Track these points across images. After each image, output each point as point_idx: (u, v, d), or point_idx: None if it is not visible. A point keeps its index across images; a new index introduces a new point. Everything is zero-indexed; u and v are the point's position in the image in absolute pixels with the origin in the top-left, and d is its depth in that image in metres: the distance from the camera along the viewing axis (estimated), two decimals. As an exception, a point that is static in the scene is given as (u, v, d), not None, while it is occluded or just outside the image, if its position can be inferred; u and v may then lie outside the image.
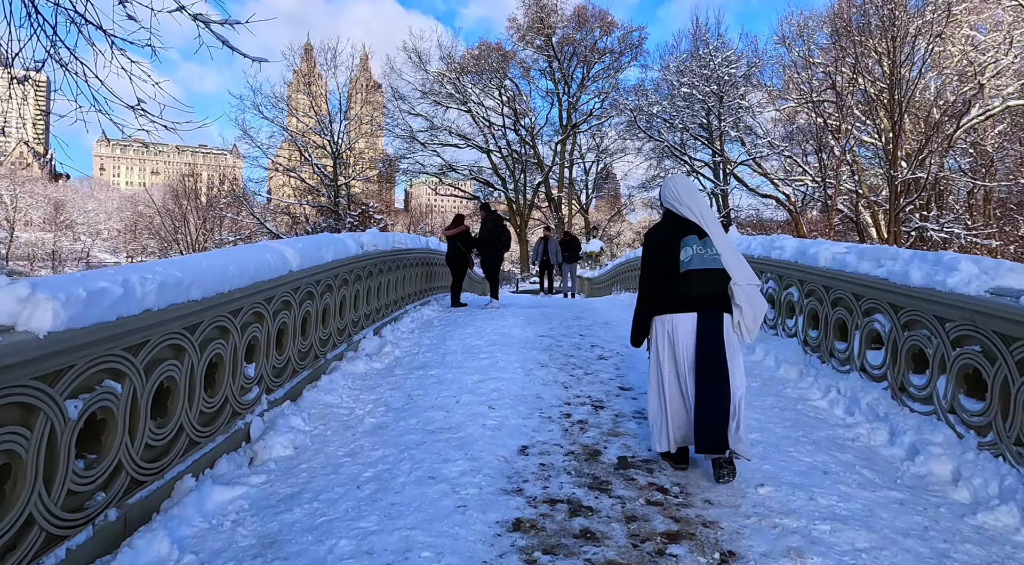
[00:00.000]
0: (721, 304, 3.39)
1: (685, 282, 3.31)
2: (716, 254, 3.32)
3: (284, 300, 4.63)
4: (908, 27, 27.29)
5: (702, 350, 3.32)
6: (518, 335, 7.26)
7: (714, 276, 3.30)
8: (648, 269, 3.56)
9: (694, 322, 3.36)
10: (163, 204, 60.32)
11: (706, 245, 3.34)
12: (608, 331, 7.75)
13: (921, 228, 29.20)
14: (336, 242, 5.73)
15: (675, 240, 3.40)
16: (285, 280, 4.50)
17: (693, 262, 3.29)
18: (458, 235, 10.51)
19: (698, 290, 3.30)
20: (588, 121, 49.67)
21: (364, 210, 33.22)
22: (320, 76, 38.15)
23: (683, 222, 3.43)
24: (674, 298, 3.40)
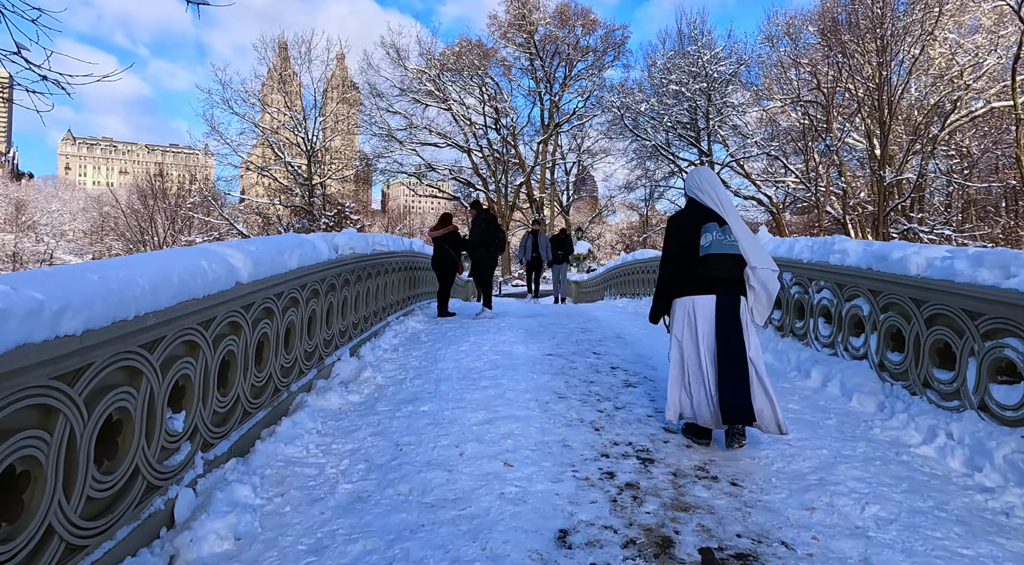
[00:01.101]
0: (738, 287, 3.64)
1: (704, 265, 3.57)
2: (734, 240, 3.55)
3: (231, 321, 3.48)
4: (897, 26, 26.86)
5: (721, 329, 3.56)
6: (522, 354, 6.16)
7: (731, 260, 3.55)
8: (669, 252, 3.78)
9: (713, 303, 3.61)
10: (129, 204, 57.94)
11: (725, 232, 3.57)
12: (625, 348, 6.70)
13: (909, 230, 28.90)
14: (303, 244, 4.57)
15: (696, 226, 3.64)
16: (231, 295, 3.35)
17: (712, 247, 3.54)
18: (445, 237, 9.39)
19: (716, 272, 3.56)
20: (571, 120, 48.81)
21: (340, 210, 31.84)
22: (295, 74, 36.67)
23: (704, 210, 3.67)
24: (694, 281, 3.66)
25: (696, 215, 3.69)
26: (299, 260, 4.40)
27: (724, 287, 3.60)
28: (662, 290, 3.85)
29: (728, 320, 3.57)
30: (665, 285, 3.82)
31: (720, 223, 3.61)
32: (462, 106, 45.74)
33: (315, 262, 4.84)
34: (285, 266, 4.16)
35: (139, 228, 55.83)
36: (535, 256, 14.62)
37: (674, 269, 3.75)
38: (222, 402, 3.41)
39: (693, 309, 3.65)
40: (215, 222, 36.71)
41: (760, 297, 3.60)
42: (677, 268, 3.74)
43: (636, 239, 55.37)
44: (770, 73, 32.71)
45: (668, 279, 3.80)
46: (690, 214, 3.74)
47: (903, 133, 29.29)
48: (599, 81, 47.26)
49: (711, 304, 3.61)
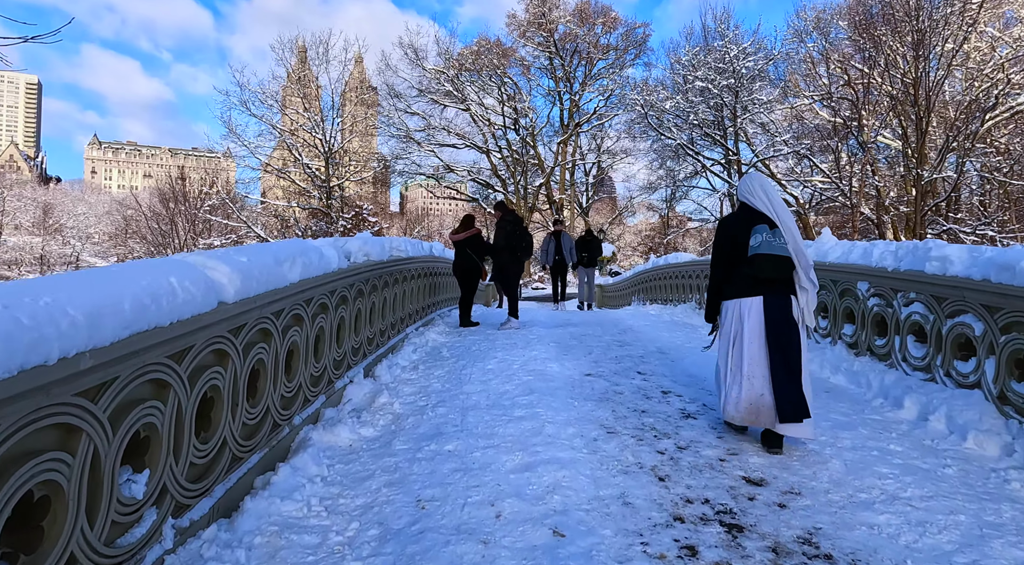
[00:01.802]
0: (787, 287, 3.70)
1: (752, 265, 3.62)
2: (783, 243, 3.63)
3: (214, 349, 2.82)
4: (935, 16, 25.66)
5: (772, 329, 3.61)
6: (557, 374, 5.45)
7: (779, 261, 3.60)
8: (720, 253, 3.87)
9: (761, 305, 3.66)
10: (150, 207, 58.35)
11: (775, 234, 3.64)
12: (672, 366, 5.94)
13: (948, 230, 27.69)
14: (307, 252, 3.90)
15: (746, 228, 3.70)
16: (212, 318, 2.68)
17: (761, 247, 3.60)
18: (468, 240, 8.70)
19: (764, 272, 3.60)
20: (591, 120, 47.97)
21: (357, 212, 31.38)
22: (314, 77, 36.33)
23: (755, 213, 3.73)
24: (742, 283, 3.71)
25: (747, 217, 3.76)
26: (303, 271, 3.73)
27: (772, 288, 3.66)
28: (715, 290, 3.96)
29: (779, 320, 3.63)
30: (716, 285, 3.94)
31: (771, 226, 3.68)
32: (481, 106, 45.15)
33: (323, 272, 4.17)
34: (285, 279, 3.48)
35: (160, 231, 56.17)
36: (558, 259, 13.36)
37: (724, 269, 3.86)
38: (202, 450, 2.74)
39: (740, 311, 3.73)
40: (234, 224, 36.52)
41: (812, 298, 3.74)
42: (727, 268, 3.84)
43: (659, 241, 54.27)
44: (798, 69, 31.60)
45: (718, 279, 3.91)
46: (741, 216, 3.82)
47: (937, 130, 28.09)
48: (620, 80, 46.36)
49: (759, 305, 3.67)
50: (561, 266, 13.51)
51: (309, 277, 3.88)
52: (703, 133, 30.97)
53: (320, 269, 4.11)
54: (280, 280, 3.40)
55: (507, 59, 45.75)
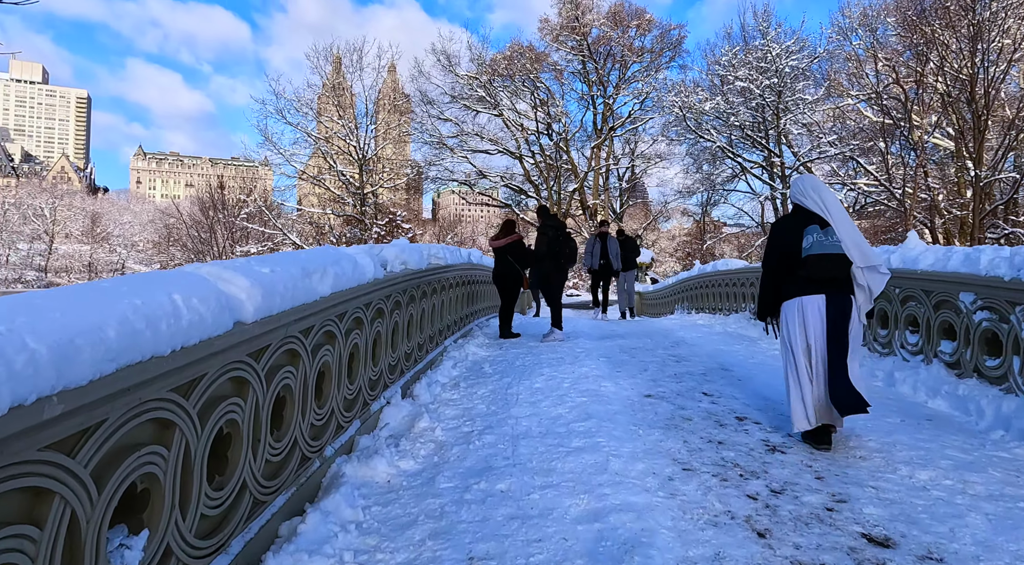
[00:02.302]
0: (844, 287, 3.70)
1: (805, 266, 3.68)
2: (836, 241, 3.65)
3: (231, 377, 2.38)
4: (995, 6, 24.29)
5: (833, 327, 3.65)
6: (613, 394, 4.90)
7: (833, 260, 3.64)
8: (772, 254, 3.92)
9: (822, 303, 3.69)
10: (191, 215, 59.73)
11: (827, 233, 3.68)
12: (740, 387, 5.33)
13: (1011, 234, 26.20)
14: (340, 261, 3.46)
15: (799, 229, 3.76)
16: (228, 342, 2.24)
17: (813, 248, 3.67)
18: (509, 247, 8.22)
19: (818, 272, 3.66)
20: (626, 124, 47.21)
21: (391, 219, 31.30)
22: (348, 86, 36.53)
23: (808, 214, 3.79)
24: (799, 283, 3.76)
25: (799, 219, 3.81)
26: (335, 282, 3.29)
27: (832, 286, 3.68)
28: (767, 290, 3.98)
29: (838, 318, 3.65)
30: (767, 286, 3.97)
31: (822, 225, 3.70)
32: (513, 112, 44.84)
33: (357, 283, 3.72)
34: (315, 292, 3.04)
35: (199, 239, 57.38)
36: (603, 264, 12.32)
37: (776, 272, 3.90)
38: (216, 499, 2.30)
39: (803, 310, 3.73)
40: (270, 232, 36.89)
41: (866, 294, 3.71)
42: (780, 270, 3.86)
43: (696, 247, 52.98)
44: (843, 68, 30.37)
45: (770, 280, 3.94)
46: (793, 218, 3.87)
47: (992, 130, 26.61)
48: (655, 82, 45.50)
49: (820, 303, 3.69)
50: (606, 271, 12.54)
51: (342, 289, 3.44)
52: (743, 135, 29.97)
53: (354, 280, 3.67)
54: (309, 294, 2.96)
55: (540, 64, 45.33)
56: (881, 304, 5.92)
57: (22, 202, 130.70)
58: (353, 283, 3.64)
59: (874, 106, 29.16)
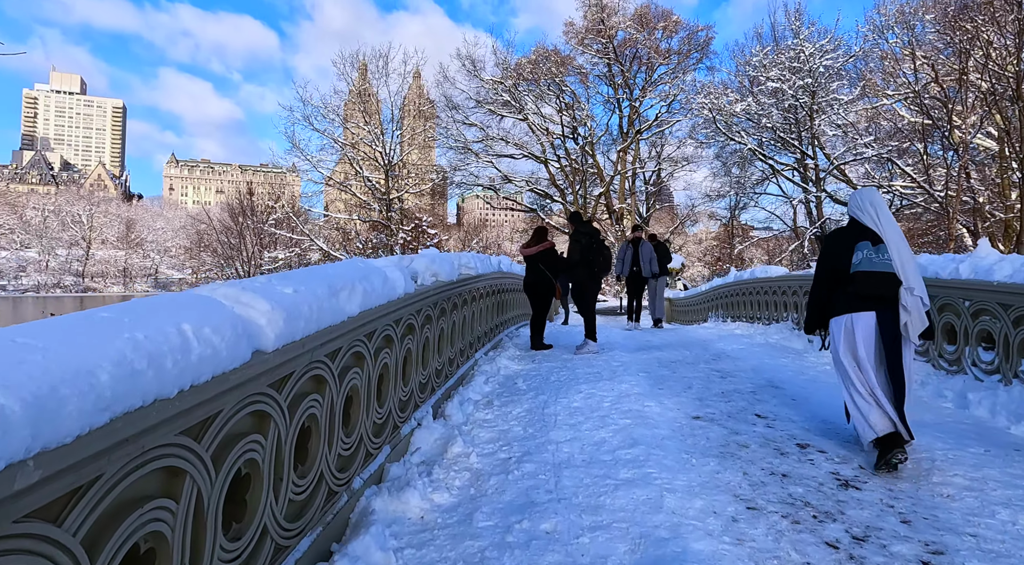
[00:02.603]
0: (893, 305, 3.60)
1: (854, 282, 3.63)
2: (887, 259, 3.59)
3: (251, 411, 2.12)
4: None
5: (887, 345, 3.59)
6: (658, 416, 4.56)
7: (881, 278, 3.57)
8: (822, 268, 3.90)
9: (873, 319, 3.64)
10: (220, 221, 60.72)
11: (879, 251, 3.62)
12: (796, 407, 4.93)
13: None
14: (369, 277, 3.20)
15: (850, 244, 3.72)
16: (246, 375, 1.98)
17: (862, 265, 3.62)
18: (541, 255, 7.92)
19: (865, 290, 3.61)
20: (653, 127, 46.63)
21: (417, 225, 31.26)
22: (373, 94, 36.68)
23: (862, 229, 3.74)
24: (849, 299, 3.70)
25: (852, 233, 3.78)
26: (363, 300, 3.03)
27: (881, 304, 3.63)
28: (815, 304, 3.97)
29: (888, 336, 3.61)
30: (816, 298, 3.96)
31: (875, 241, 3.65)
32: (539, 116, 44.60)
33: (387, 299, 3.46)
34: (342, 312, 2.78)
35: (228, 244, 58.28)
36: (635, 270, 11.77)
37: (825, 285, 3.87)
38: (231, 551, 2.03)
39: (852, 326, 3.70)
40: (298, 238, 37.20)
41: (913, 320, 3.61)
42: (829, 284, 3.84)
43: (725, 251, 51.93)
44: (878, 67, 29.45)
45: (819, 293, 3.92)
46: (846, 232, 3.84)
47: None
48: (683, 84, 44.87)
49: (870, 320, 3.65)
50: (638, 279, 11.98)
51: (371, 307, 3.18)
52: (775, 137, 29.21)
53: (384, 296, 3.40)
54: (336, 314, 2.70)
55: (565, 67, 45.03)
56: (948, 317, 5.47)
57: (61, 209, 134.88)
58: (383, 299, 3.38)
59: (912, 106, 28.21)
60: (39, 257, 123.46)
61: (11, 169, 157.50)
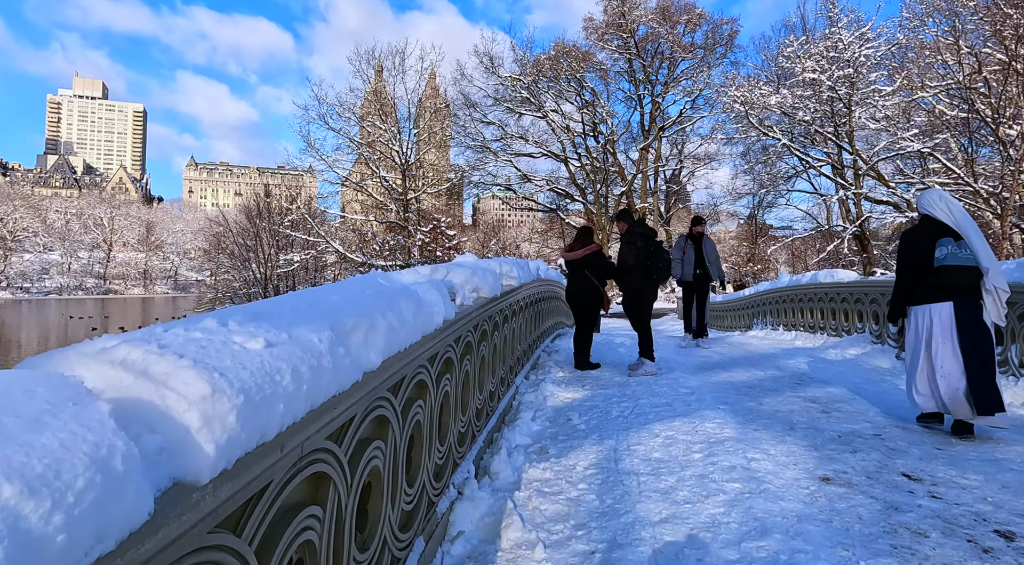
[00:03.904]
0: (974, 294, 4.00)
1: (938, 275, 4.00)
2: (970, 254, 3.97)
3: None
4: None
5: (965, 331, 3.97)
6: (774, 476, 3.43)
7: (966, 271, 3.96)
8: (905, 262, 4.24)
9: (951, 309, 4.02)
10: (235, 222, 60.37)
11: (960, 247, 3.99)
12: (949, 462, 3.75)
13: None
14: (396, 303, 2.13)
15: (931, 240, 4.07)
16: (168, 536, 0.92)
17: (948, 259, 3.97)
18: (587, 259, 6.82)
19: (950, 282, 3.98)
20: (677, 122, 45.29)
21: (435, 226, 30.28)
22: (389, 94, 35.80)
23: (939, 225, 4.08)
24: (929, 290, 4.09)
25: (931, 230, 4.11)
26: (387, 342, 1.96)
27: (960, 294, 3.99)
28: (899, 296, 4.32)
29: (970, 323, 3.96)
30: (902, 291, 4.29)
31: (956, 238, 4.01)
32: (558, 113, 43.48)
33: (423, 333, 2.39)
34: (356, 366, 1.71)
35: (245, 246, 57.87)
36: (699, 274, 9.54)
37: (909, 278, 4.20)
38: None
39: (930, 315, 4.08)
40: (314, 239, 36.41)
41: (997, 299, 3.95)
42: (913, 277, 4.18)
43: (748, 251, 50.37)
44: (917, 58, 27.87)
45: (904, 286, 4.26)
46: (925, 229, 4.16)
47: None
48: (707, 79, 43.51)
49: (948, 310, 4.02)
50: (702, 284, 9.66)
51: (400, 350, 2.11)
52: (808, 132, 27.76)
53: (418, 329, 2.33)
54: (342, 376, 1.63)
55: (585, 63, 43.85)
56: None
57: (83, 212, 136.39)
58: (416, 334, 2.31)
59: (955, 98, 26.64)
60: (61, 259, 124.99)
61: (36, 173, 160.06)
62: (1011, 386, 5.26)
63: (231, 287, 47.13)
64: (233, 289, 46.89)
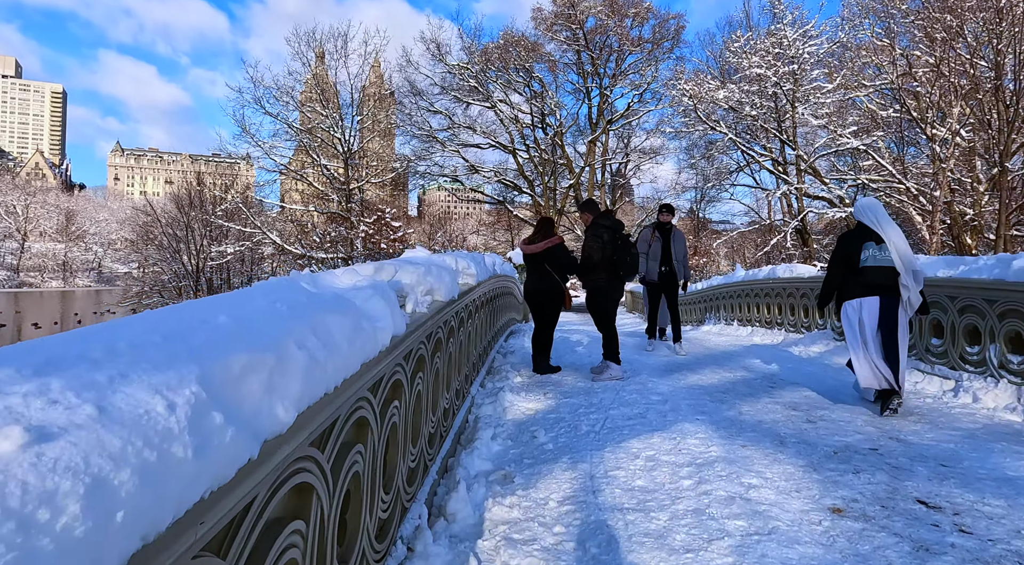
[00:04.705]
0: (893, 291, 4.65)
1: (863, 274, 4.69)
2: (888, 256, 4.61)
3: None
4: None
5: (885, 322, 4.65)
6: (781, 511, 2.95)
7: (885, 271, 4.62)
8: (836, 262, 4.92)
9: (878, 303, 4.69)
10: (165, 212, 56.99)
11: (882, 249, 4.65)
12: (967, 483, 3.37)
13: (1039, 232, 24.92)
14: (323, 323, 1.47)
15: (859, 243, 4.75)
16: None
17: (869, 261, 4.68)
18: (548, 253, 6.25)
19: (873, 280, 4.66)
20: (625, 116, 45.47)
21: (379, 216, 29.12)
22: (331, 75, 34.18)
23: (868, 231, 4.75)
24: (859, 287, 4.75)
25: (861, 235, 4.78)
26: (306, 384, 1.31)
27: (884, 291, 4.66)
28: (828, 288, 5.03)
29: (891, 315, 4.64)
30: (830, 284, 4.99)
31: (878, 242, 4.66)
32: (507, 104, 42.80)
33: (366, 358, 1.74)
34: (250, 439, 1.06)
35: (175, 237, 54.73)
36: (666, 272, 8.21)
37: (840, 275, 4.89)
38: None
39: (860, 307, 4.74)
40: (249, 231, 34.48)
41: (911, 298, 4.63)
42: (842, 275, 4.87)
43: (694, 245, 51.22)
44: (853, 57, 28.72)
45: (833, 280, 4.96)
46: (855, 233, 4.85)
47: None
48: (655, 73, 43.81)
49: (875, 303, 4.69)
50: (670, 282, 8.28)
51: (327, 391, 1.46)
52: (752, 127, 28.21)
53: (357, 354, 1.68)
54: (229, 454, 0.97)
55: (534, 54, 43.32)
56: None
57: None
58: (354, 363, 1.65)
59: (887, 98, 27.64)
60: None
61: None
62: (991, 388, 5.03)
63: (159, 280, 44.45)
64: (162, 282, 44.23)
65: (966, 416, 4.65)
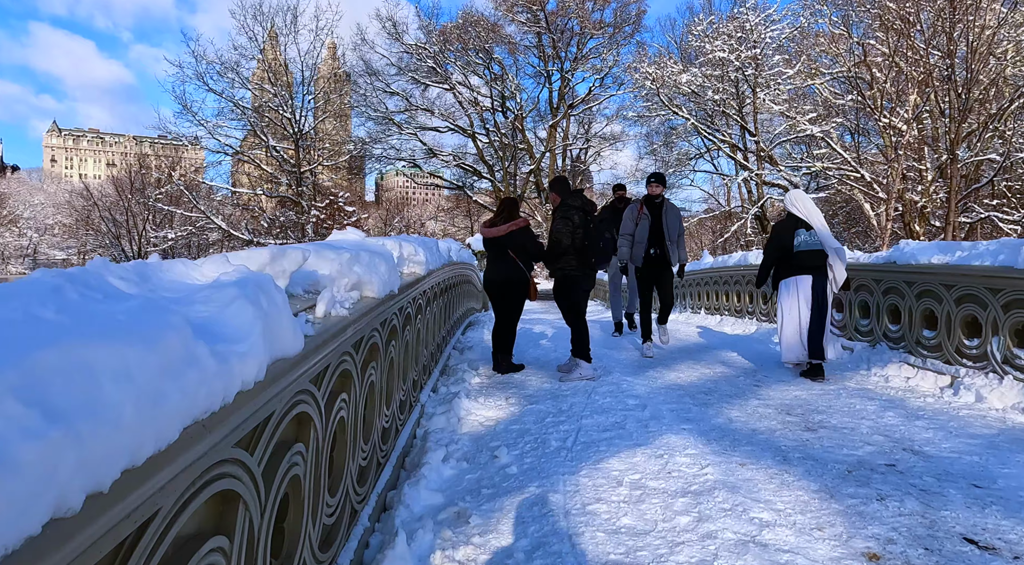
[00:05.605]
0: (823, 270, 5.41)
1: (796, 257, 5.42)
2: (818, 240, 5.40)
3: None
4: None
5: (816, 298, 5.37)
6: (803, 556, 2.35)
7: (815, 254, 5.39)
8: (773, 247, 5.61)
9: (810, 281, 5.41)
10: (104, 196, 53.84)
11: (811, 235, 5.41)
12: (1010, 510, 2.86)
13: (987, 218, 25.61)
14: (118, 358, 0.72)
15: (791, 231, 5.46)
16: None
17: (801, 246, 5.40)
18: (511, 237, 5.54)
19: (806, 262, 5.40)
20: (586, 101, 44.90)
21: (332, 201, 27.82)
22: (281, 51, 32.41)
23: (798, 220, 5.49)
24: (793, 268, 5.46)
25: (792, 223, 5.52)
26: None
27: (815, 271, 5.39)
28: (765, 270, 5.75)
29: (820, 293, 5.38)
30: (767, 266, 5.72)
31: (807, 228, 5.43)
32: (466, 86, 41.66)
33: (184, 421, 1.00)
34: None
35: (114, 221, 51.79)
36: (657, 255, 6.86)
37: (775, 258, 5.61)
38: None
39: (796, 286, 5.44)
40: (194, 216, 32.57)
41: (838, 272, 5.42)
42: (778, 257, 5.58)
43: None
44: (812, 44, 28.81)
45: (770, 262, 5.68)
46: (789, 222, 5.58)
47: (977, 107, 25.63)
48: (616, 57, 43.30)
49: (808, 282, 5.40)
50: (660, 266, 6.95)
51: (188, 462, 0.71)
52: (714, 112, 28.02)
53: (177, 409, 0.94)
54: None
55: (494, 35, 42.22)
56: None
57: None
58: (148, 438, 0.91)
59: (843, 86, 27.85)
60: None
61: None
62: (995, 386, 4.60)
63: (97, 268, 41.84)
64: (99, 270, 41.68)
65: (976, 419, 4.19)
